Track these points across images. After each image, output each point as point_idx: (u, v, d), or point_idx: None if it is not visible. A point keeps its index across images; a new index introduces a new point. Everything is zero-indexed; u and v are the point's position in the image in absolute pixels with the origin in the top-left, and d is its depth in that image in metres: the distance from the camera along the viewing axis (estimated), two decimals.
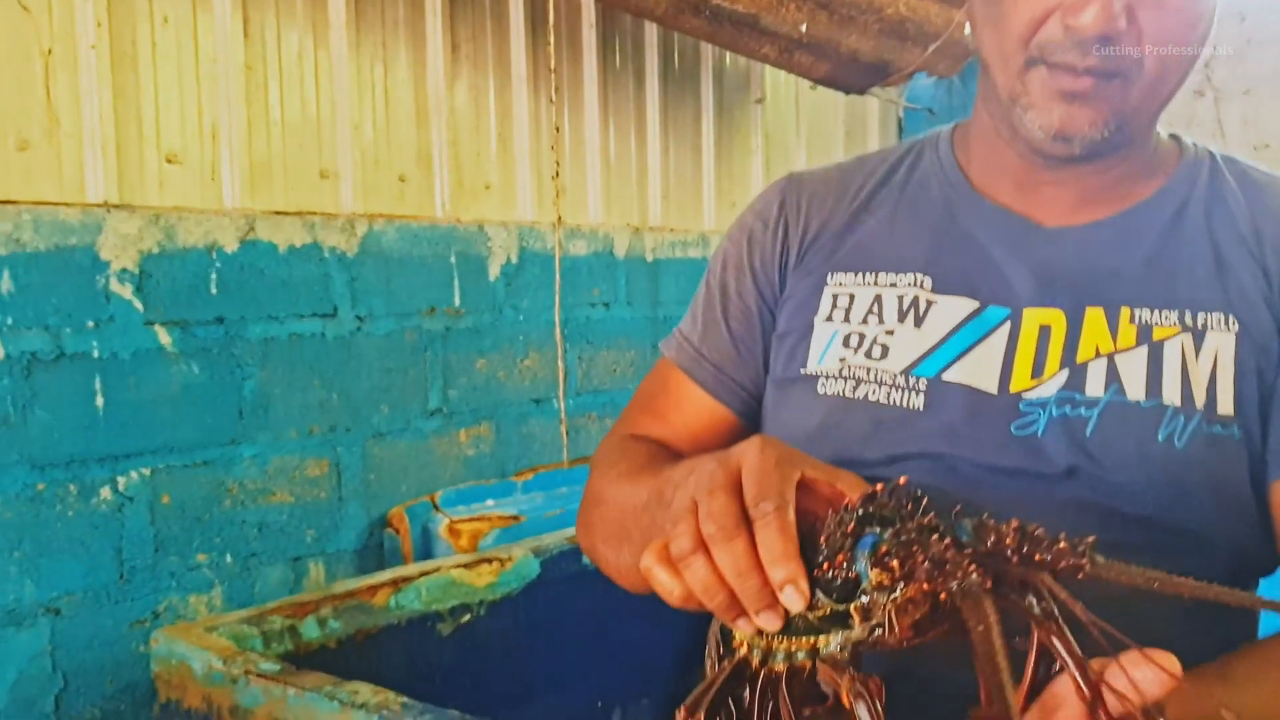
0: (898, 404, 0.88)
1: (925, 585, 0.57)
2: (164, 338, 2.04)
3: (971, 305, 0.91)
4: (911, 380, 0.89)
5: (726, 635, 0.70)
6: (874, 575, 0.60)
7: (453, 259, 2.54)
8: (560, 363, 2.64)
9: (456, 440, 2.56)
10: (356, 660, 2.06)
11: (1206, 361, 0.84)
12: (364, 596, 2.13)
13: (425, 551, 2.39)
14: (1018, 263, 0.91)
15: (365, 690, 1.62)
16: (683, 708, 0.63)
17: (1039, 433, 0.85)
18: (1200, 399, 0.84)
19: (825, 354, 0.94)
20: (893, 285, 0.94)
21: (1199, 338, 0.85)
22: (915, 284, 0.93)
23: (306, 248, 2.26)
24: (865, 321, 0.93)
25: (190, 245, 2.08)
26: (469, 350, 2.58)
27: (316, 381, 2.30)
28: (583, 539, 1.02)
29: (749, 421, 1.04)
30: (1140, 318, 0.87)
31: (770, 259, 1.02)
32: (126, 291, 1.99)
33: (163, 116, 2.05)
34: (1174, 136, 0.98)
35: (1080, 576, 0.58)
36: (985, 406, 0.87)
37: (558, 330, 2.66)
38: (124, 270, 1.98)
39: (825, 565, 0.62)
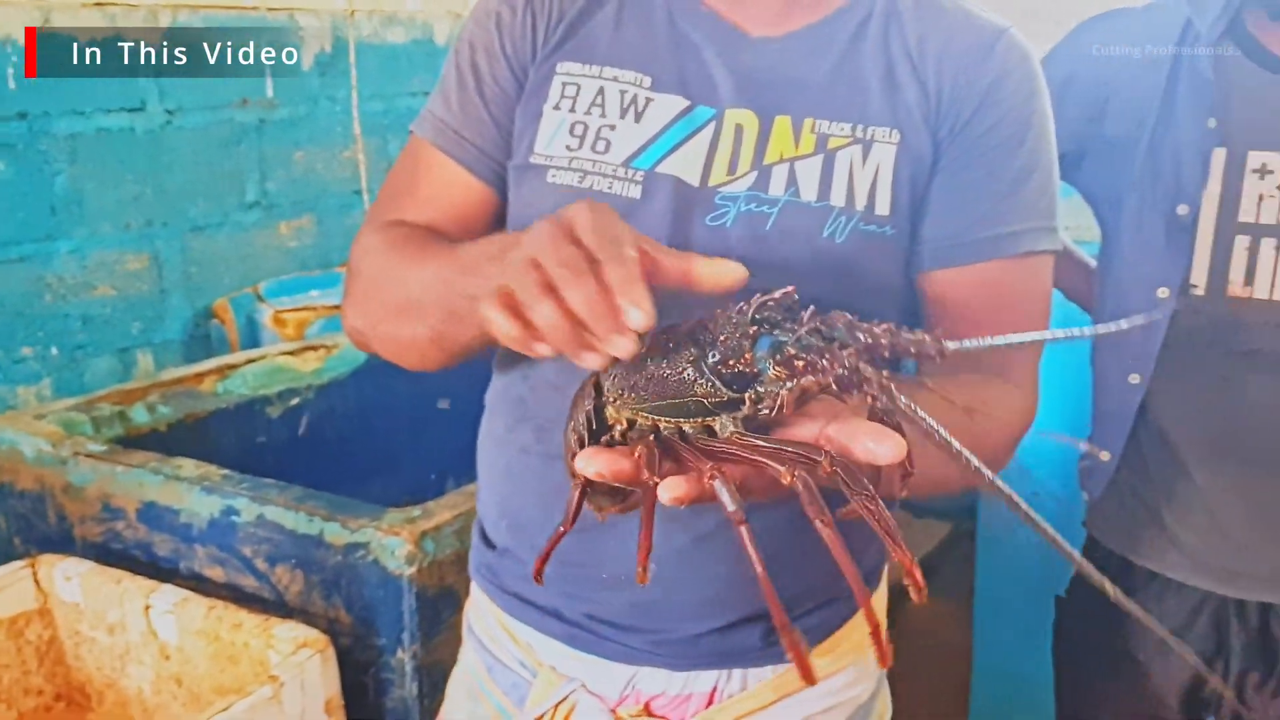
0: (620, 194, 0.98)
1: (825, 379, 0.67)
2: None
3: (683, 104, 1.00)
4: (630, 171, 0.99)
5: (601, 419, 0.79)
6: (776, 371, 0.69)
7: (264, 49, 2.53)
8: (361, 155, 2.69)
9: (277, 232, 2.62)
10: (187, 443, 2.20)
11: (870, 169, 0.97)
12: (191, 383, 2.26)
13: (252, 342, 2.49)
14: (724, 67, 1.01)
15: (189, 465, 1.78)
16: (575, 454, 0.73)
17: (728, 224, 0.97)
18: (861, 202, 0.97)
19: (553, 140, 1.02)
20: (615, 80, 1.02)
21: (867, 148, 0.98)
22: (636, 82, 1.02)
23: (107, 40, 2.23)
24: (589, 112, 1.01)
25: None
26: (286, 142, 2.61)
27: (129, 176, 2.32)
28: (356, 322, 1.04)
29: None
30: (820, 128, 0.98)
31: (522, 45, 1.05)
32: None
33: None
34: None
35: (939, 360, 0.68)
36: (689, 196, 0.98)
37: (356, 125, 2.69)
38: None
39: (730, 362, 0.71)
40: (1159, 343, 1.43)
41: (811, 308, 0.72)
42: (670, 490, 0.66)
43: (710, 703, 1.04)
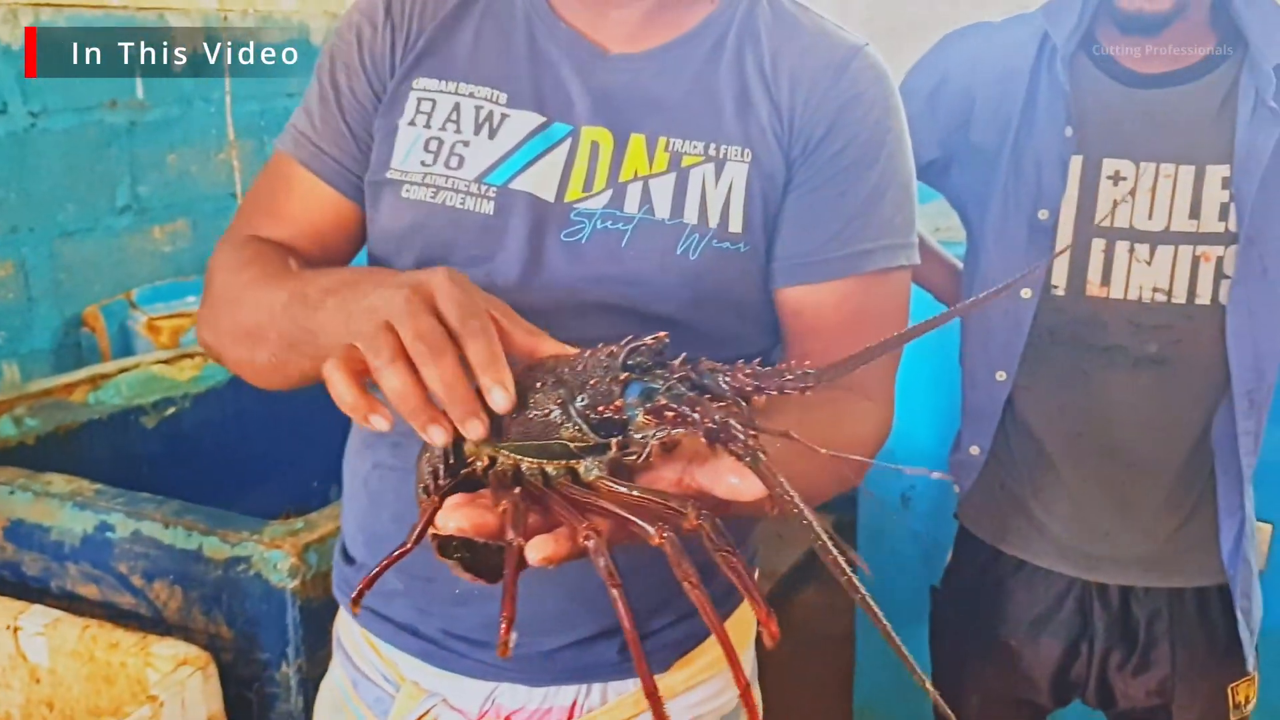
0: (473, 210, 0.98)
1: (694, 432, 0.67)
2: None
3: (538, 120, 1.01)
4: (483, 188, 0.99)
5: (459, 453, 0.77)
6: (645, 419, 0.68)
7: (134, 49, 2.46)
8: (236, 158, 2.64)
9: (151, 237, 2.55)
10: (58, 456, 2.12)
11: (724, 187, 0.98)
12: (61, 394, 2.18)
13: (124, 350, 2.42)
14: (581, 85, 1.01)
15: (59, 480, 1.72)
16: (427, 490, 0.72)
17: (583, 240, 0.98)
18: (714, 219, 0.98)
19: (408, 156, 1.01)
20: (471, 95, 1.02)
21: (720, 166, 0.99)
22: (491, 98, 1.02)
23: None
24: (444, 128, 1.01)
25: None
26: (158, 144, 2.54)
27: None
28: (207, 337, 1.03)
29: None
30: (673, 146, 0.99)
31: (381, 60, 1.05)
32: None
33: None
34: None
35: (805, 392, 0.68)
36: (543, 212, 0.98)
37: (230, 127, 2.64)
38: None
39: (599, 407, 0.69)
40: (1023, 341, 1.49)
41: (683, 355, 0.73)
42: (539, 550, 0.65)
43: (570, 716, 1.04)
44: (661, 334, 0.74)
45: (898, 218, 1.04)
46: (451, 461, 0.78)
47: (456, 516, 0.68)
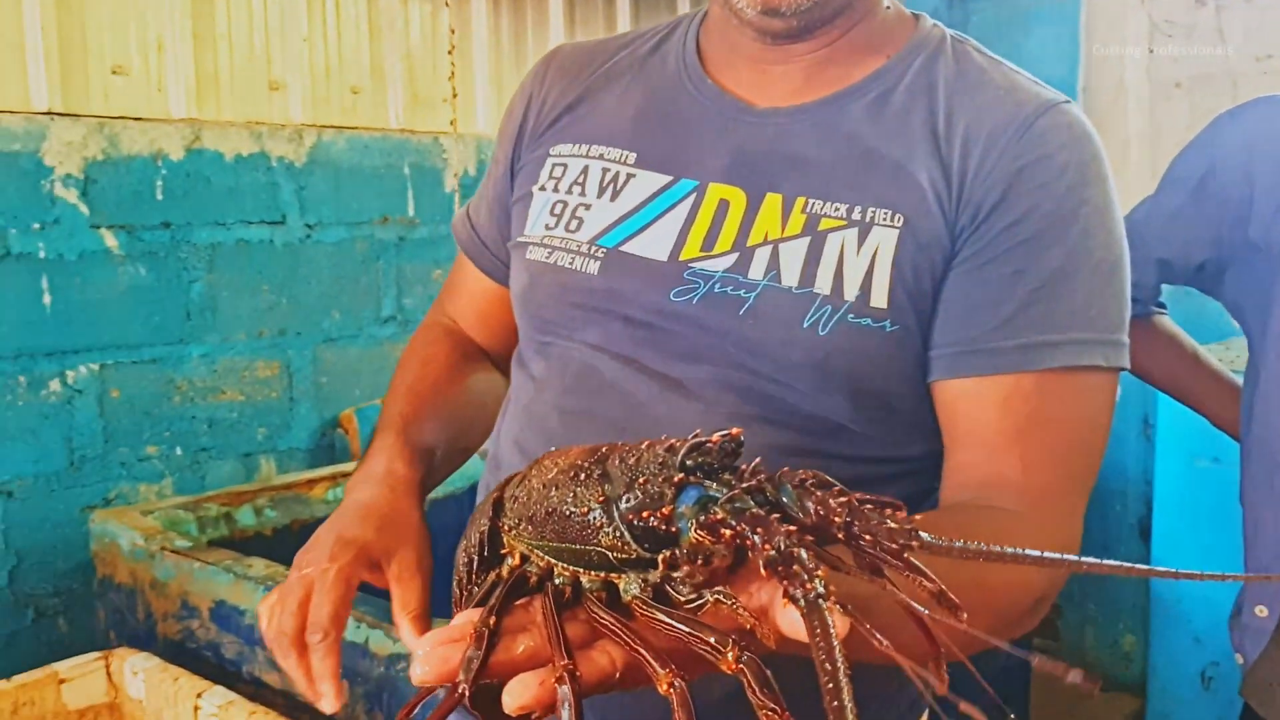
0: (580, 269, 0.93)
1: (752, 555, 0.53)
2: (110, 240, 2.15)
3: (664, 180, 0.94)
4: (593, 248, 0.93)
5: (495, 540, 0.72)
6: (695, 535, 0.56)
7: (406, 170, 2.61)
8: None
9: None
10: (293, 548, 2.18)
11: (866, 255, 0.85)
12: (302, 489, 2.25)
13: None
14: (717, 141, 0.93)
15: (259, 564, 1.75)
16: (466, 608, 0.64)
17: (694, 300, 0.88)
18: (852, 291, 0.84)
19: (536, 221, 0.99)
20: (600, 158, 0.98)
21: (864, 231, 0.86)
22: (620, 159, 0.96)
23: (253, 157, 2.34)
24: (570, 191, 0.97)
25: (135, 153, 2.17)
26: (424, 259, 2.66)
27: (265, 286, 2.39)
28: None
29: None
30: (812, 208, 0.87)
31: (532, 126, 1.05)
32: (72, 195, 2.09)
33: (107, 29, 2.13)
34: (915, 15, 0.97)
35: (905, 557, 0.53)
36: (652, 272, 0.90)
37: None
38: (69, 175, 2.09)
39: (645, 512, 0.58)
40: None
41: (757, 460, 0.59)
42: (514, 697, 0.55)
43: None
44: (735, 430, 0.61)
45: (1093, 308, 0.85)
46: (486, 553, 0.73)
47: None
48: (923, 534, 0.53)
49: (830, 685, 0.46)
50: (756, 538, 0.53)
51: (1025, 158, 0.85)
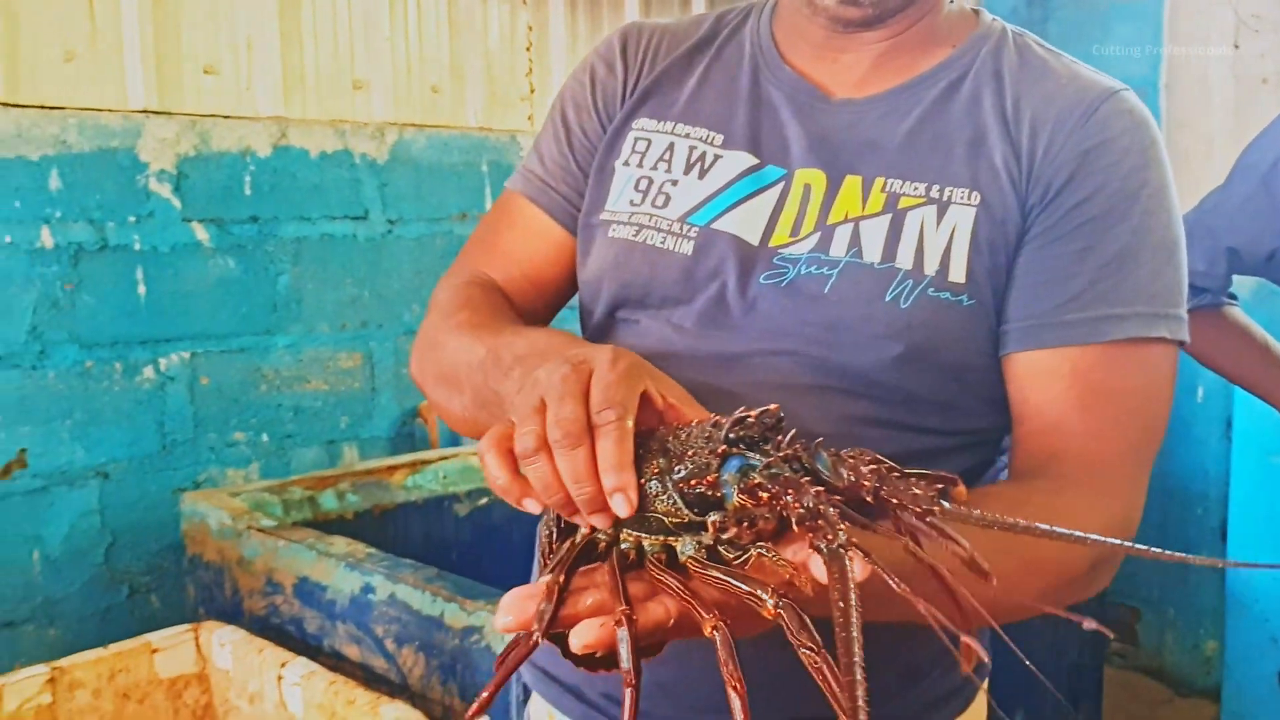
0: (673, 249, 0.94)
1: (786, 518, 0.61)
2: (201, 234, 2.24)
3: (751, 161, 0.96)
4: (685, 227, 0.95)
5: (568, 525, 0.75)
6: (739, 499, 0.64)
7: (484, 167, 2.67)
8: None
9: None
10: (374, 532, 2.25)
11: (945, 232, 0.88)
12: (383, 475, 2.32)
13: (452, 442, 2.56)
14: (799, 127, 0.96)
15: (340, 543, 1.81)
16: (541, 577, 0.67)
17: (783, 284, 0.91)
18: (932, 266, 0.88)
19: (619, 196, 1.00)
20: (686, 136, 0.99)
21: (942, 209, 0.89)
22: (706, 139, 0.99)
23: (338, 154, 2.42)
24: (655, 167, 0.99)
25: (225, 149, 2.26)
26: None
27: (348, 279, 2.47)
28: (414, 371, 1.05)
29: None
30: (891, 187, 0.91)
31: (611, 100, 1.06)
32: (165, 190, 2.19)
33: (200, 30, 2.23)
34: (976, 10, 1.01)
35: (928, 521, 0.58)
36: (745, 255, 0.92)
37: None
38: (163, 171, 2.18)
39: (693, 481, 0.66)
40: None
41: (794, 431, 0.67)
42: (580, 637, 0.62)
43: None
44: (773, 406, 0.68)
45: (1156, 284, 0.89)
46: (562, 525, 0.76)
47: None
48: (944, 502, 0.59)
49: (842, 620, 0.53)
50: (789, 497, 0.61)
51: (1090, 140, 0.89)
